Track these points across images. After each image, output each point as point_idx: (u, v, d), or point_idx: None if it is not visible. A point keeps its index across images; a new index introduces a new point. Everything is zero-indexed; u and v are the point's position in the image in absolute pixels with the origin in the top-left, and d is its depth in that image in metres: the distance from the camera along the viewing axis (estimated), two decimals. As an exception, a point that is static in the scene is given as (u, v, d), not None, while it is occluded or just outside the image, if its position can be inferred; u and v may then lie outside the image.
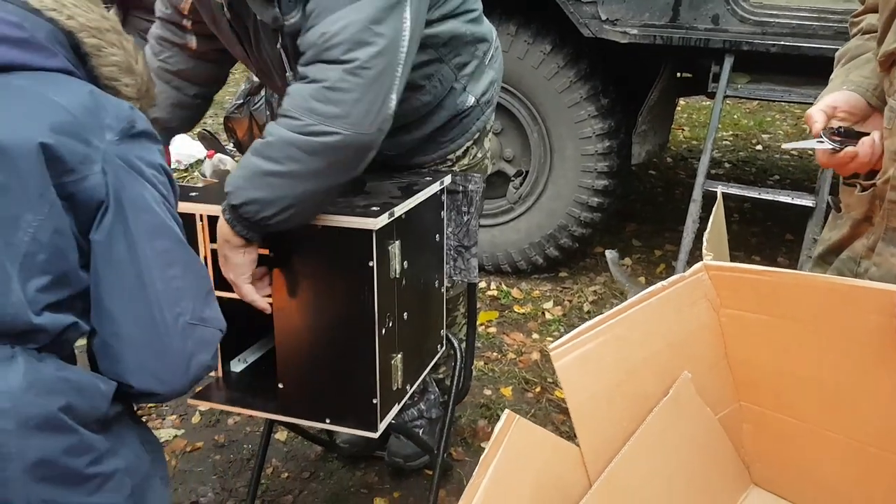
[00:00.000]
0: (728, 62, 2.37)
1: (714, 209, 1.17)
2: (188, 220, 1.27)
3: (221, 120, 3.41)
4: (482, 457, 0.83)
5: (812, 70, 2.09)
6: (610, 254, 2.70)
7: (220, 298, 1.36)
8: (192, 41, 1.50)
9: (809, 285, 0.94)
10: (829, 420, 0.99)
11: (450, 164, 1.54)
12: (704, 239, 1.07)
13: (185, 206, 1.26)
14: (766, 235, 3.34)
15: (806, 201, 2.32)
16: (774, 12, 2.34)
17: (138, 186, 0.89)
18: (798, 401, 1.01)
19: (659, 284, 1.00)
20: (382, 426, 1.29)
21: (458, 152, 1.54)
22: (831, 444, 0.99)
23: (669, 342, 1.01)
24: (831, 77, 1.09)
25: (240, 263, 1.21)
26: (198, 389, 1.40)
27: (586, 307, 2.77)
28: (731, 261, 1.08)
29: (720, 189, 1.26)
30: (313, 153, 1.11)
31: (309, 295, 1.24)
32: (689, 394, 1.02)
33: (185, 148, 4.23)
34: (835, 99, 1.02)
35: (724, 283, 1.01)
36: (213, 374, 1.43)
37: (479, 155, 1.58)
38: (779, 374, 1.01)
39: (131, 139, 0.90)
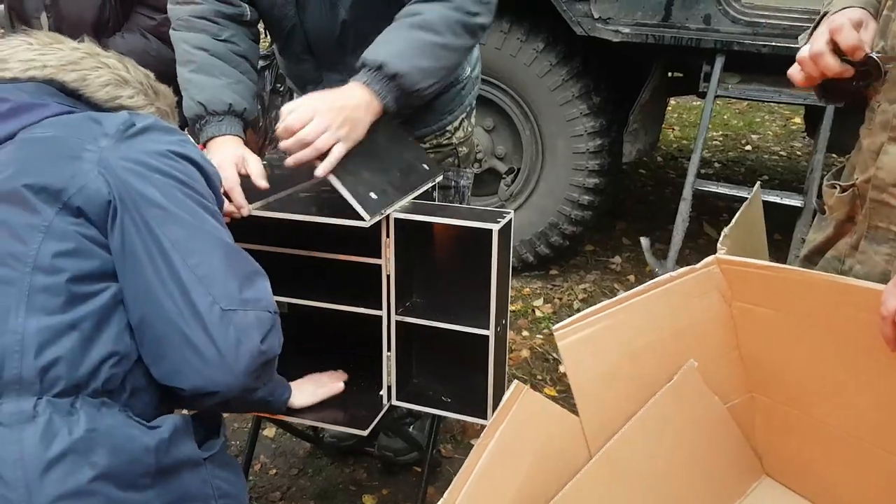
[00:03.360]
0: (719, 62, 2.38)
1: (744, 206, 1.17)
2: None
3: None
4: (489, 422, 0.86)
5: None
6: (644, 241, 2.67)
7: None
8: (248, 11, 1.37)
9: (810, 282, 0.95)
10: (829, 415, 1.00)
11: (448, 135, 1.58)
12: (723, 233, 1.07)
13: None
14: (755, 235, 3.36)
15: (794, 201, 2.34)
16: (765, 13, 2.35)
17: (142, 181, 0.85)
18: (803, 395, 1.03)
19: (667, 275, 1.01)
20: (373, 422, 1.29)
21: (455, 123, 1.58)
22: (833, 439, 1.01)
23: (675, 330, 1.02)
24: None
25: (366, 124, 1.21)
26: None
27: (576, 305, 2.78)
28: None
29: (757, 188, 1.27)
30: (469, 32, 1.28)
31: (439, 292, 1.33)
32: (694, 381, 1.03)
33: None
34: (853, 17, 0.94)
35: (736, 277, 1.02)
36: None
37: (470, 129, 1.65)
38: (786, 368, 1.03)
39: (131, 138, 0.88)
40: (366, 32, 1.35)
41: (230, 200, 1.20)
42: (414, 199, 1.32)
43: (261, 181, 1.26)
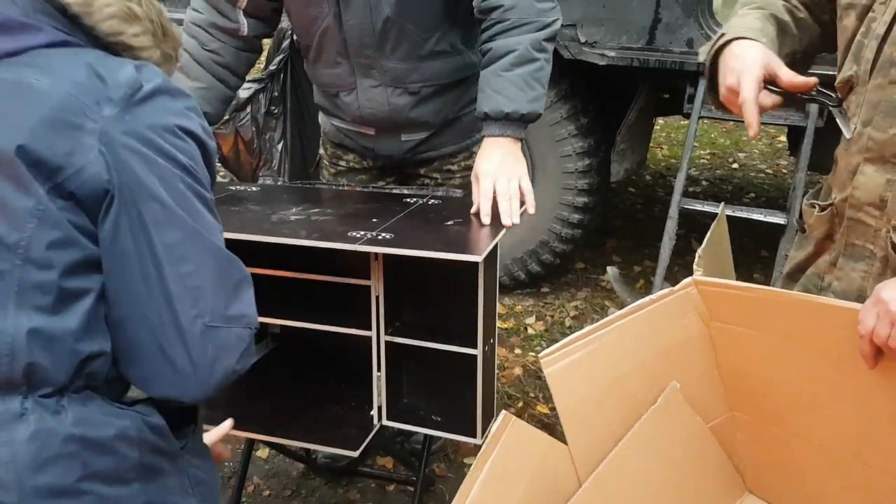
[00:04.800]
0: (702, 84, 2.43)
1: (713, 225, 1.20)
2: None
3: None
4: (479, 453, 0.87)
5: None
6: (611, 270, 2.72)
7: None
8: (244, 26, 1.51)
9: (786, 301, 0.98)
10: (810, 430, 1.02)
11: (473, 156, 1.64)
12: (697, 254, 1.10)
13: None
14: (743, 251, 3.40)
15: (777, 219, 2.38)
16: (747, 36, 2.41)
17: (145, 167, 0.76)
18: (784, 411, 1.05)
19: (647, 298, 1.04)
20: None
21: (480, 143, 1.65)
22: (813, 454, 1.02)
23: (658, 352, 1.05)
24: (742, 12, 1.07)
25: (521, 156, 1.40)
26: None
27: (568, 322, 2.80)
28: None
29: (722, 208, 1.30)
30: (549, 40, 1.39)
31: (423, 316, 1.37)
32: (677, 402, 1.06)
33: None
34: (765, 61, 0.98)
35: (713, 298, 1.05)
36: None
37: None
38: (765, 385, 1.05)
39: (137, 105, 0.77)
40: (408, 31, 1.43)
41: None
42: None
43: None
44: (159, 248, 0.77)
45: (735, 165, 4.78)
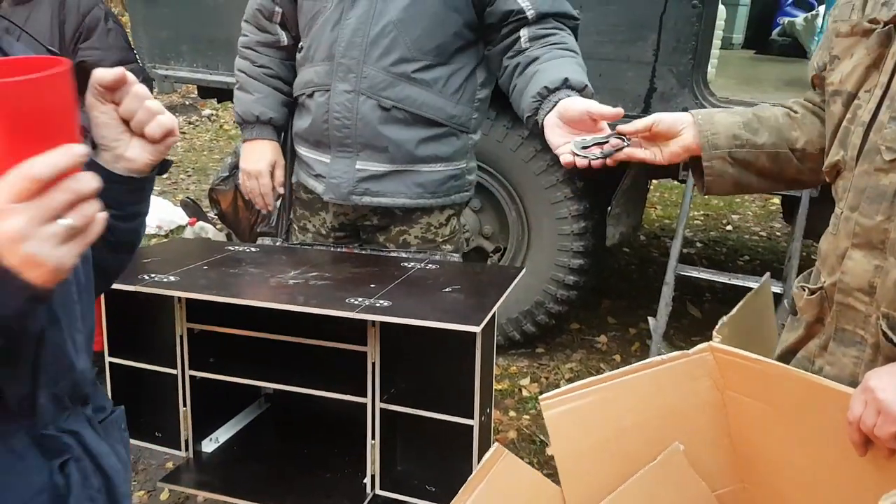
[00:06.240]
0: (697, 152, 2.48)
1: (749, 296, 1.20)
2: (166, 302, 1.29)
3: (205, 188, 3.46)
4: (467, 481, 0.85)
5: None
6: (653, 321, 2.69)
7: (192, 378, 1.38)
8: (283, 37, 1.67)
9: (790, 378, 0.98)
10: None
11: (433, 229, 1.67)
12: (721, 321, 1.09)
13: (163, 291, 1.28)
14: (738, 315, 3.41)
15: (775, 288, 2.39)
16: (738, 106, 2.48)
17: None
18: (789, 487, 1.03)
19: (658, 357, 1.04)
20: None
21: (441, 218, 1.68)
22: None
23: (662, 412, 1.04)
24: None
25: None
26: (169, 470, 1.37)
27: (563, 385, 2.77)
28: (705, 340, 1.12)
29: (765, 279, 1.31)
30: None
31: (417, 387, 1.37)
32: (679, 463, 1.04)
33: (167, 214, 4.26)
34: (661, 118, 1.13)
35: (728, 366, 1.04)
36: (183, 454, 1.41)
37: (456, 227, 1.75)
38: (773, 460, 1.04)
39: None
40: (401, 43, 1.47)
41: (266, 203, 1.70)
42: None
43: (278, 189, 1.71)
44: None
45: (729, 227, 4.84)
